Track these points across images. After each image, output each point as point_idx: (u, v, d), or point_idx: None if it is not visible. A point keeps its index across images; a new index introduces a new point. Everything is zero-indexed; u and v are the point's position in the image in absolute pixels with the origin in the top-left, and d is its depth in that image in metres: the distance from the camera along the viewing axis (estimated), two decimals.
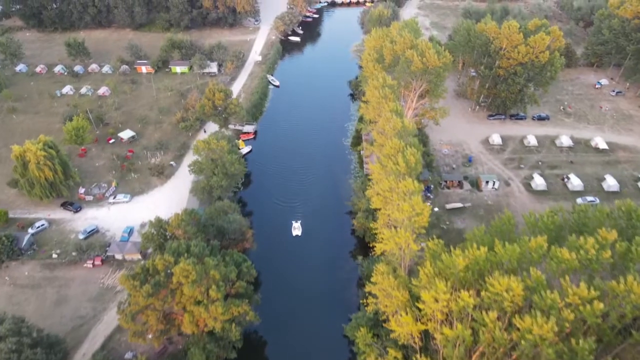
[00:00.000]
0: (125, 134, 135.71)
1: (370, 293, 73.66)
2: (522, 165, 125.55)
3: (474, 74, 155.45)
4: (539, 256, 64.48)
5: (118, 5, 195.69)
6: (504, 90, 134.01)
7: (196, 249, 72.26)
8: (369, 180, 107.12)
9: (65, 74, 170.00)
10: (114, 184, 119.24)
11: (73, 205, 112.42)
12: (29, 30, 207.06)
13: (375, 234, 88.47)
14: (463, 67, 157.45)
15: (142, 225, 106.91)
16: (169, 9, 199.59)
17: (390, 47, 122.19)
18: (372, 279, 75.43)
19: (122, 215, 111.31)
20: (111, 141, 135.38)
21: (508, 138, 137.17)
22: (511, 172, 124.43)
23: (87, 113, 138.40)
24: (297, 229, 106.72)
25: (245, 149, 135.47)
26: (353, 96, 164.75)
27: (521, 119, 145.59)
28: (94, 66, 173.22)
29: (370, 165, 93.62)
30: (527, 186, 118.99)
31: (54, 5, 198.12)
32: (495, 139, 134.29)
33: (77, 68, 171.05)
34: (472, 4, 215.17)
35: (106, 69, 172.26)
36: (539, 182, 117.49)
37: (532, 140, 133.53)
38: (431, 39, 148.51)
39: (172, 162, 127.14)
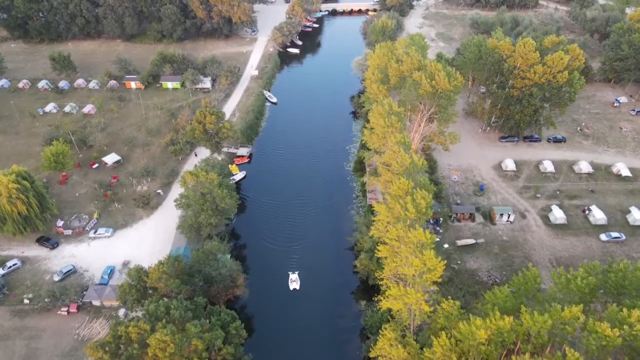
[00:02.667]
0: (110, 159, 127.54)
1: None
2: (538, 195, 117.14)
3: (483, 90, 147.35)
4: (574, 329, 56.06)
5: (107, 16, 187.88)
6: (518, 112, 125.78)
7: (177, 312, 63.81)
8: (372, 213, 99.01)
9: (50, 89, 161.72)
10: (95, 216, 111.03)
11: (49, 241, 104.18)
12: (14, 41, 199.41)
13: (380, 283, 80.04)
14: (473, 83, 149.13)
15: (124, 265, 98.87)
16: (161, 20, 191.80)
17: (396, 67, 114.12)
18: (378, 344, 67.02)
19: (103, 252, 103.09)
20: (95, 166, 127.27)
21: (522, 163, 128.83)
22: (527, 202, 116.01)
23: (69, 135, 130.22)
24: (294, 282, 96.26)
25: (238, 175, 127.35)
26: (355, 114, 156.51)
27: (536, 141, 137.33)
28: (80, 81, 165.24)
29: (375, 205, 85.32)
30: (545, 219, 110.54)
31: (40, 15, 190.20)
32: (509, 165, 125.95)
33: (62, 83, 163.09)
34: (480, 14, 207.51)
35: (93, 84, 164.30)
36: (558, 215, 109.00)
37: (548, 166, 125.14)
38: (439, 56, 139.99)
39: (159, 190, 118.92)
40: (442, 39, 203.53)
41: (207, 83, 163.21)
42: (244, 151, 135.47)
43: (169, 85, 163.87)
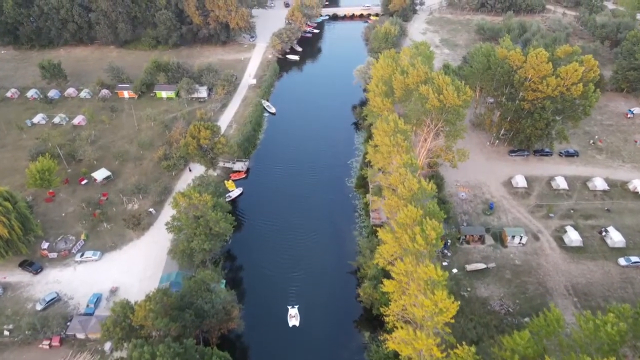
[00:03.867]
0: (100, 174, 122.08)
1: None
2: (551, 215, 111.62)
3: (491, 100, 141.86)
4: None
5: (100, 22, 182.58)
6: (529, 126, 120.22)
7: None
8: (376, 235, 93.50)
9: (39, 99, 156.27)
10: (82, 237, 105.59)
11: (33, 265, 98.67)
12: (4, 47, 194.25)
13: (386, 320, 74.43)
14: (480, 94, 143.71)
15: (112, 292, 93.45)
16: (156, 26, 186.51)
17: (402, 79, 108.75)
18: None
19: (90, 277, 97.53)
20: (84, 182, 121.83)
21: (533, 179, 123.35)
22: (539, 222, 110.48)
23: (57, 149, 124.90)
24: (294, 317, 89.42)
25: (235, 192, 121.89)
26: (357, 125, 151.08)
27: (547, 155, 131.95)
28: (71, 90, 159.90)
29: (381, 234, 79.68)
30: (560, 241, 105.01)
31: (31, 21, 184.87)
32: (519, 181, 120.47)
33: (52, 93, 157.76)
34: (486, 20, 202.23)
35: (85, 93, 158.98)
36: (573, 237, 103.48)
37: (561, 183, 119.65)
38: (446, 67, 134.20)
39: (151, 209, 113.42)
40: (446, 45, 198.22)
41: (203, 92, 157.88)
42: (240, 166, 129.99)
43: (164, 94, 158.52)
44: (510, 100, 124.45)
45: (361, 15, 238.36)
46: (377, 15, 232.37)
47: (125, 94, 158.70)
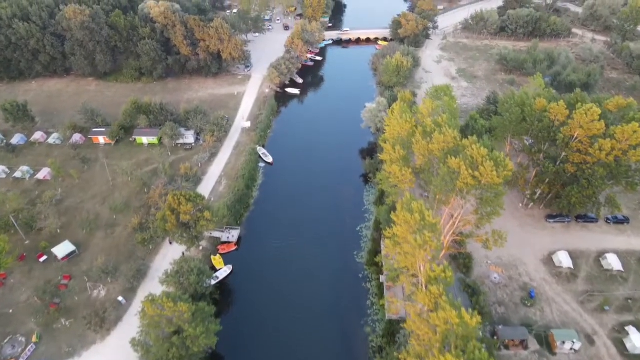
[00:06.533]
0: (62, 250, 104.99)
1: None
2: (606, 308, 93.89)
3: (523, 142, 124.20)
4: None
5: (75, 52, 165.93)
6: (575, 194, 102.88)
7: None
8: (394, 337, 76.13)
9: (1, 146, 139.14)
10: (34, 339, 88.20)
11: None
12: None
13: None
14: (511, 146, 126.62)
15: None
16: (139, 56, 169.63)
17: (425, 145, 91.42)
18: None
19: None
20: (43, 259, 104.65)
21: (579, 255, 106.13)
22: (592, 317, 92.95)
23: (11, 217, 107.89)
24: None
25: (223, 271, 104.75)
26: (366, 178, 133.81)
27: (591, 221, 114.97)
28: (38, 135, 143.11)
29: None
30: (620, 346, 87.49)
31: None
32: (563, 260, 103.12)
33: (17, 139, 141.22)
34: (508, 48, 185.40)
35: (54, 138, 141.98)
36: (637, 342, 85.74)
37: (613, 262, 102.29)
38: (474, 119, 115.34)
39: (120, 298, 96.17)
40: (464, 76, 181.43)
41: (189, 137, 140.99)
42: (230, 235, 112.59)
43: (144, 140, 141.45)
44: (551, 161, 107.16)
45: (367, 40, 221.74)
46: (385, 39, 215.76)
47: (101, 140, 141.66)
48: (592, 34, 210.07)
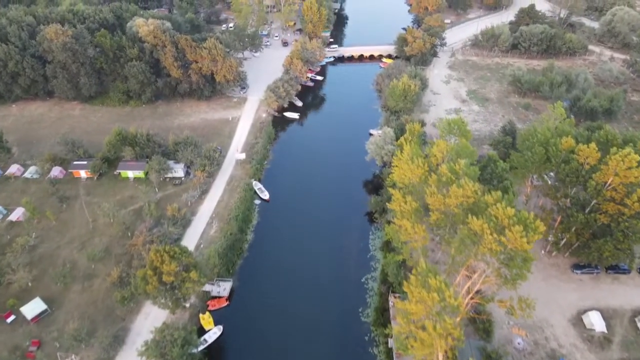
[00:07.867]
0: (32, 309, 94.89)
1: None
2: None
3: (545, 183, 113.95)
4: None
5: (58, 75, 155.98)
6: (609, 248, 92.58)
7: None
8: None
9: None
10: None
11: None
12: None
13: None
14: (532, 187, 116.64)
15: None
16: (127, 78, 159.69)
17: (441, 199, 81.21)
18: None
19: None
20: (10, 319, 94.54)
21: (611, 314, 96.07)
22: None
23: None
24: None
25: (212, 333, 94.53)
26: (371, 217, 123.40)
27: (623, 272, 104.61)
28: (14, 168, 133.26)
29: None
30: None
31: None
32: (595, 322, 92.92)
33: None
34: (522, 69, 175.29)
35: (31, 172, 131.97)
36: None
37: None
38: (493, 161, 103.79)
39: None
40: (475, 99, 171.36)
41: (179, 171, 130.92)
42: (221, 289, 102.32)
43: (130, 174, 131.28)
44: (579, 208, 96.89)
45: (371, 57, 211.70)
46: (390, 57, 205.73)
47: (82, 174, 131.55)
48: (610, 52, 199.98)
